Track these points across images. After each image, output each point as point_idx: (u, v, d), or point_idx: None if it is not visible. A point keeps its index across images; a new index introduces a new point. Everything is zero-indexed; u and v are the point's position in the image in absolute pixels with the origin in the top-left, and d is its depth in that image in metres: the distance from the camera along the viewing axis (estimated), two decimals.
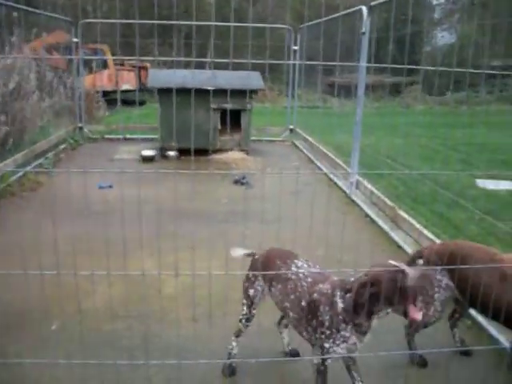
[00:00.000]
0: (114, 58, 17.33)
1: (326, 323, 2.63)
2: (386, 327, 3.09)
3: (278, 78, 18.96)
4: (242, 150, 9.98)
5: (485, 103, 21.48)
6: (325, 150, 10.13)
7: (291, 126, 12.73)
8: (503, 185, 8.28)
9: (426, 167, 9.14)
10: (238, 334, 3.24)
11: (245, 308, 3.17)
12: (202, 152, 9.13)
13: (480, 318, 3.92)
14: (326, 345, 2.65)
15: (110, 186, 7.26)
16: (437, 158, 10.26)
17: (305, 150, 10.98)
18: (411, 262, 3.41)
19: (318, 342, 2.70)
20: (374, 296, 2.49)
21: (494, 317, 3.04)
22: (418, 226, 5.71)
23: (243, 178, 7.90)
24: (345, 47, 8.99)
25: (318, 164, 9.63)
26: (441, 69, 4.45)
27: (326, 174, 8.67)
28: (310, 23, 11.56)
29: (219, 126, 9.67)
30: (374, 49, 6.68)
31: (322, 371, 2.74)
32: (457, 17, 30.22)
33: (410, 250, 5.15)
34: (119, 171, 4.39)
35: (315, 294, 2.73)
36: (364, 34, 6.85)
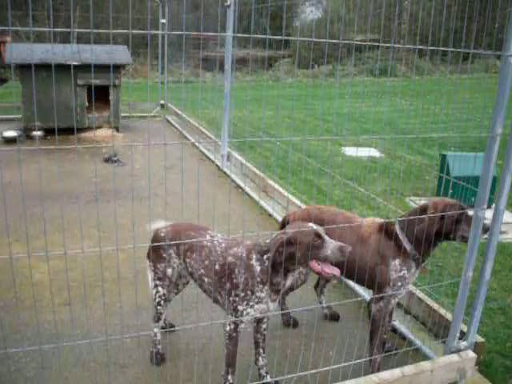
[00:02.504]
0: None
1: (241, 286, 2.65)
2: None
3: (150, 53, 18.52)
4: (111, 127, 9.67)
5: (349, 75, 22.62)
6: (197, 125, 10.14)
7: (162, 102, 12.57)
8: (366, 152, 8.86)
9: (296, 138, 9.49)
10: (157, 319, 3.12)
11: (160, 289, 3.03)
12: (69, 131, 8.73)
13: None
14: (240, 307, 2.66)
15: None
16: (305, 128, 10.69)
17: (177, 125, 10.90)
18: (281, 228, 3.55)
19: (231, 306, 2.70)
20: (290, 255, 2.57)
21: (358, 280, 3.22)
22: (286, 193, 5.95)
23: (114, 155, 7.69)
24: (215, 20, 8.98)
25: (191, 138, 9.62)
26: (304, 39, 4.60)
27: (198, 147, 8.70)
28: None
29: (87, 103, 9.27)
30: (243, 22, 6.76)
31: (233, 337, 2.75)
32: None
33: (279, 217, 5.36)
34: None
35: (229, 258, 2.74)
36: (229, 6, 6.89)
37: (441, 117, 10.24)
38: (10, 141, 8.72)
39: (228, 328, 2.74)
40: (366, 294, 3.95)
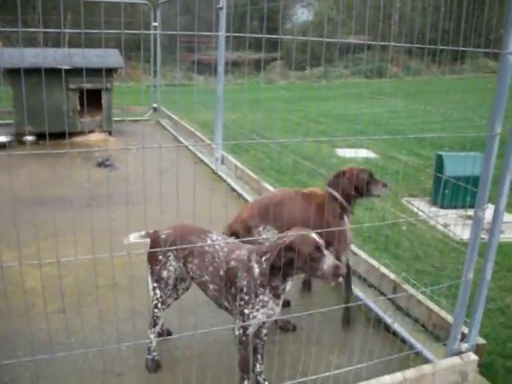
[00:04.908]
0: None
1: (245, 289, 2.63)
2: None
3: (143, 57, 18.47)
4: (104, 131, 9.60)
5: (342, 77, 22.66)
6: (190, 128, 10.09)
7: (155, 105, 12.51)
8: (360, 152, 8.83)
9: (289, 139, 9.45)
10: (154, 323, 3.06)
11: (158, 291, 2.99)
12: (61, 135, 8.62)
13: None
14: (246, 311, 2.64)
15: None
16: (298, 130, 10.66)
17: (170, 129, 10.85)
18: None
19: (238, 310, 2.68)
20: (290, 261, 2.54)
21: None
22: None
23: (107, 159, 7.62)
24: (208, 24, 8.93)
25: (184, 142, 9.57)
26: (301, 38, 4.57)
27: (192, 151, 8.65)
28: None
29: (79, 107, 9.20)
30: (236, 25, 6.71)
31: (244, 342, 2.72)
32: None
33: None
34: None
35: (232, 262, 2.72)
36: (221, 8, 6.85)
37: (434, 117, 10.24)
38: (1, 146, 8.62)
39: (237, 333, 2.72)
40: (365, 297, 3.91)
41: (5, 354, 3.18)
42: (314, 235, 2.59)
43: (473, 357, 3.06)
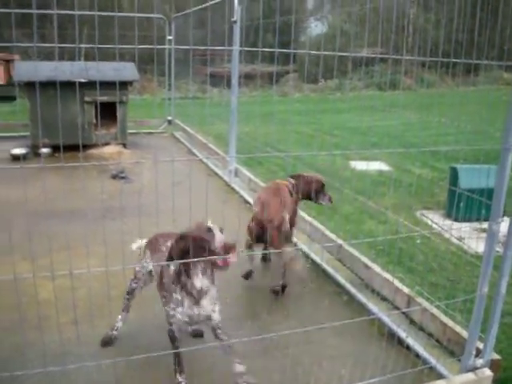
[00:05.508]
0: None
1: (165, 286, 2.75)
2: None
3: (158, 70, 18.67)
4: (119, 144, 9.68)
5: (356, 89, 22.66)
6: (204, 140, 10.13)
7: (170, 118, 12.58)
8: (373, 165, 8.80)
9: (303, 152, 9.45)
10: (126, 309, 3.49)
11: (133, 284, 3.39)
12: (77, 147, 8.68)
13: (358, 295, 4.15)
14: (167, 308, 2.77)
15: None
16: (313, 143, 10.65)
17: (184, 141, 10.90)
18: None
19: (164, 307, 2.83)
20: (183, 250, 2.61)
21: None
22: None
23: (121, 172, 7.68)
24: (221, 37, 9.00)
25: (198, 154, 9.60)
26: (314, 52, 4.59)
27: (205, 163, 8.67)
28: (184, 12, 11.44)
29: (94, 120, 9.29)
30: (250, 38, 6.76)
31: (171, 337, 2.85)
32: (328, 7, 31.50)
33: None
34: None
35: (163, 258, 2.84)
36: (235, 22, 6.90)
37: (448, 129, 10.19)
38: (17, 158, 8.74)
39: (167, 329, 2.85)
40: (379, 311, 3.87)
41: (17, 365, 3.19)
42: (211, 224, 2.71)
43: (488, 373, 3.01)
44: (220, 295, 2.92)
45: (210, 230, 2.63)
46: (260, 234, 4.20)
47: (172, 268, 2.72)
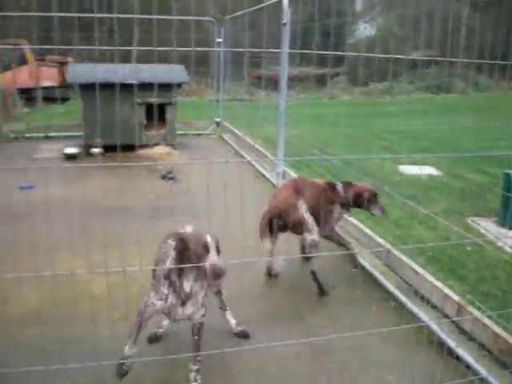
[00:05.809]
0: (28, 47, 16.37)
1: (156, 276, 2.90)
2: None
3: (206, 72, 18.90)
4: (168, 145, 9.85)
5: (406, 93, 22.29)
6: (252, 143, 10.18)
7: (218, 119, 12.68)
8: (424, 170, 8.64)
9: (351, 156, 9.36)
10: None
11: None
12: (127, 148, 8.93)
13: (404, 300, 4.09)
14: (150, 295, 2.92)
15: (31, 187, 6.94)
16: (361, 146, 10.54)
17: (232, 143, 10.97)
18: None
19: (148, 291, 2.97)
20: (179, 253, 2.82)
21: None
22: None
23: (170, 172, 7.81)
24: (271, 39, 9.03)
25: (246, 156, 9.65)
26: (367, 55, 4.56)
27: (253, 165, 8.72)
28: (234, 15, 11.53)
29: (144, 121, 9.49)
30: (298, 40, 6.74)
31: (139, 313, 2.99)
32: (378, 9, 31.15)
33: None
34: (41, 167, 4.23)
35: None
36: (285, 24, 6.90)
37: (502, 134, 9.90)
38: (71, 157, 9.02)
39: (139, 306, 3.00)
40: (428, 319, 3.80)
41: (71, 357, 3.29)
42: (206, 235, 2.88)
43: None
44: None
45: (205, 245, 2.80)
46: (270, 222, 4.39)
47: (168, 261, 2.81)
